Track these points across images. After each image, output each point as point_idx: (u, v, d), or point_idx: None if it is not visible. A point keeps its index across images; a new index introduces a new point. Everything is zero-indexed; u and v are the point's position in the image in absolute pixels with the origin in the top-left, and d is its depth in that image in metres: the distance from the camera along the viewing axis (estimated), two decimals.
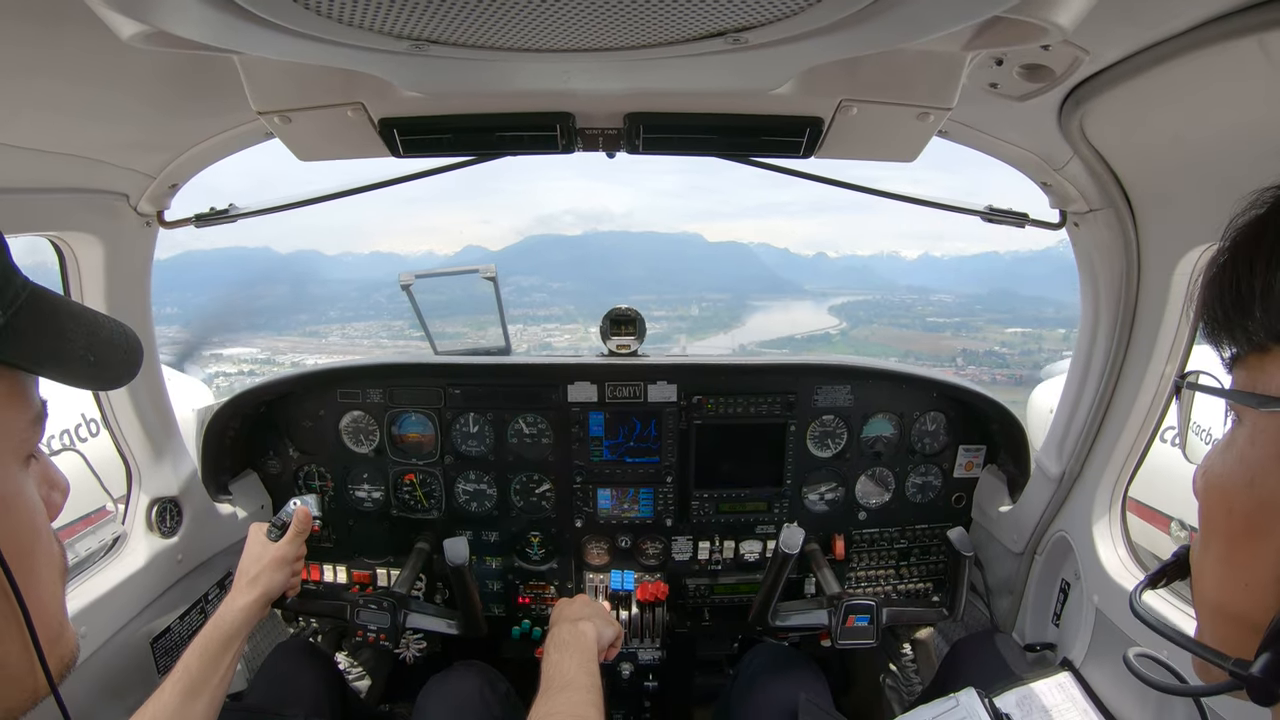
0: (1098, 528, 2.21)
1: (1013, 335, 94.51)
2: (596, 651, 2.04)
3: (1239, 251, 0.77)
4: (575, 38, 0.99)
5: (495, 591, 3.03)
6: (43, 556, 0.79)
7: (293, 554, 2.14)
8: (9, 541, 0.73)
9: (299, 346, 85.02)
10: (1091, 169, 1.79)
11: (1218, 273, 0.80)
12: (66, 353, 0.78)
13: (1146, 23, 1.20)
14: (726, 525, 2.96)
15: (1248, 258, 0.75)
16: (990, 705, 1.92)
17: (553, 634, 2.05)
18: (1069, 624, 2.37)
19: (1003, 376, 68.13)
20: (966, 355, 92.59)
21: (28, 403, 0.76)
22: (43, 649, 0.77)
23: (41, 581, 0.78)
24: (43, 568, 0.79)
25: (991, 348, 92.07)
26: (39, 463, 0.82)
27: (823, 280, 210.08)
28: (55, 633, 0.82)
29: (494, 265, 3.33)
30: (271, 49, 1.04)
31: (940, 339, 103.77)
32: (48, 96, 1.39)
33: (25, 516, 0.76)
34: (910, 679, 2.98)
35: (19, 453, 0.76)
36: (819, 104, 1.56)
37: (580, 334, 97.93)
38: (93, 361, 0.82)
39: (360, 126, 1.61)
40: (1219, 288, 0.79)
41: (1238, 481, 0.76)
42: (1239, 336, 0.77)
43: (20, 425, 0.75)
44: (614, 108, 1.65)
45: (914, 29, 1.00)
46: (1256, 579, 0.73)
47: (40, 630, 0.77)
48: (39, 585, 0.77)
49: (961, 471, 2.95)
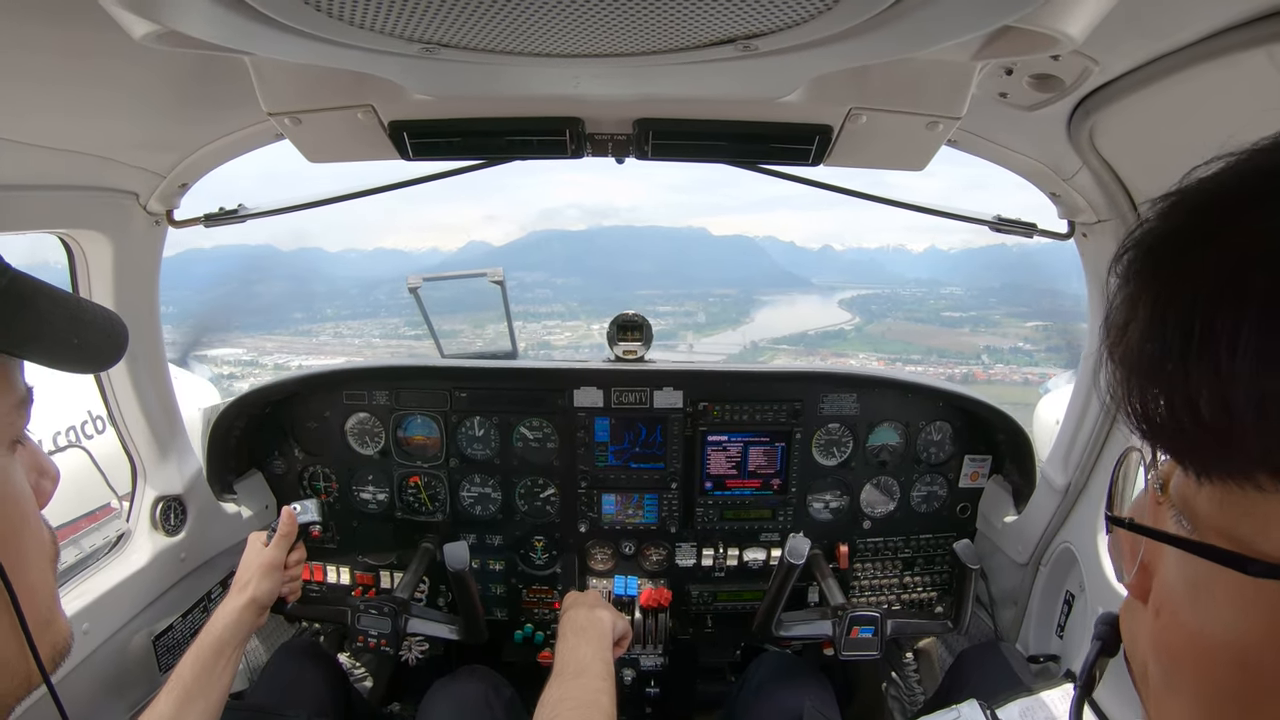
0: (1103, 539, 2.20)
1: (1032, 329, 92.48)
2: (611, 641, 2.02)
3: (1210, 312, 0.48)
4: (585, 43, 0.99)
5: (498, 595, 3.03)
6: (30, 543, 0.79)
7: (280, 559, 2.12)
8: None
9: (287, 346, 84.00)
10: (1100, 179, 1.79)
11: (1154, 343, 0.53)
12: (48, 335, 0.78)
13: (1156, 34, 1.20)
14: (730, 532, 2.95)
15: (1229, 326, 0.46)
16: (993, 716, 1.90)
17: (569, 617, 2.02)
18: (1073, 636, 2.35)
19: (1035, 376, 60.52)
20: (991, 352, 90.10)
21: (10, 387, 0.76)
22: (32, 635, 0.77)
23: (29, 567, 0.78)
24: (31, 554, 0.79)
25: (1016, 344, 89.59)
26: (26, 449, 0.82)
27: (830, 274, 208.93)
28: (44, 619, 0.82)
29: (501, 269, 3.32)
30: (283, 50, 1.05)
31: (959, 335, 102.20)
32: (59, 94, 1.40)
33: (9, 503, 0.76)
34: (913, 689, 2.97)
35: (2, 438, 0.76)
36: (828, 112, 1.56)
37: (582, 331, 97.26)
38: (76, 344, 0.82)
39: (370, 129, 1.62)
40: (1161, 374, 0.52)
41: (1223, 658, 0.55)
42: (1210, 460, 0.51)
43: (2, 410, 0.75)
44: (623, 114, 1.65)
45: (924, 38, 1.00)
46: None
47: (28, 616, 0.77)
48: (26, 571, 0.77)
49: (967, 481, 2.94)
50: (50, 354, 0.79)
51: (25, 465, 0.81)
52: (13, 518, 0.77)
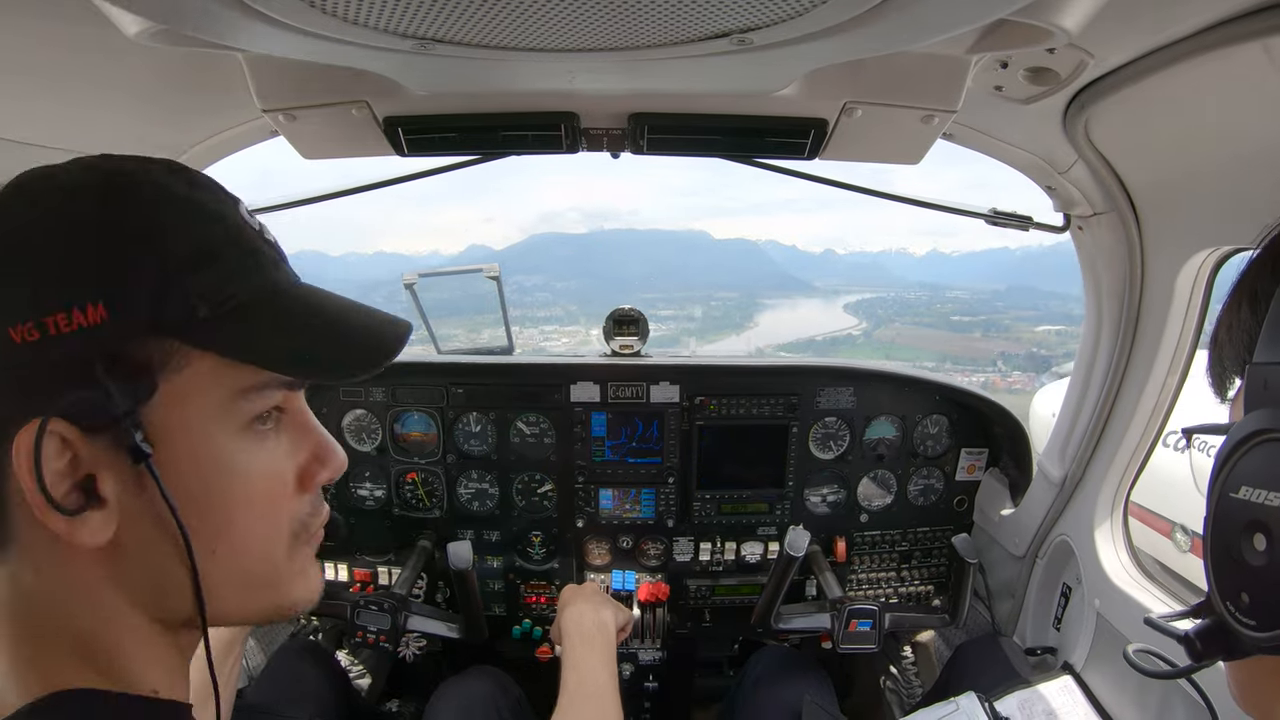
0: (1099, 532, 2.21)
1: (1044, 333, 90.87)
2: (616, 645, 2.01)
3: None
4: (580, 38, 0.99)
5: (496, 591, 3.03)
6: (247, 518, 0.84)
7: None
8: (201, 492, 0.79)
9: None
10: (1096, 172, 1.79)
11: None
12: (281, 350, 0.83)
13: (1151, 27, 1.20)
14: (728, 526, 2.95)
15: None
16: (991, 709, 1.92)
17: (571, 617, 2.00)
18: (1070, 628, 2.36)
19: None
20: (1006, 359, 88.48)
21: (235, 376, 0.80)
22: (210, 593, 0.82)
23: (240, 532, 0.84)
24: (245, 527, 0.84)
25: (1030, 349, 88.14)
26: (289, 434, 0.89)
27: (832, 277, 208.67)
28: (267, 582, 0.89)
29: (497, 265, 3.33)
30: (277, 47, 1.04)
31: (971, 340, 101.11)
32: (52, 93, 1.40)
33: (216, 474, 0.81)
34: (911, 682, 2.98)
35: (237, 421, 0.82)
36: (823, 106, 1.56)
37: (581, 337, 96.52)
38: (312, 356, 0.86)
39: (365, 125, 1.61)
40: None
41: None
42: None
43: (223, 397, 0.80)
44: (618, 108, 1.65)
45: (919, 31, 1.00)
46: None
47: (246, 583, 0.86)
48: (233, 535, 0.83)
49: (963, 474, 2.95)
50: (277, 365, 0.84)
51: (291, 446, 0.89)
52: (228, 492, 0.82)
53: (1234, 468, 0.70)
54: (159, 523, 0.77)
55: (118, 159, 0.80)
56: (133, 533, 0.77)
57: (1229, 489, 0.70)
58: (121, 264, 0.73)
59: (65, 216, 0.74)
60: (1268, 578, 0.65)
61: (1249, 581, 0.67)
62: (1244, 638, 0.67)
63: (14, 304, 0.70)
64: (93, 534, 0.74)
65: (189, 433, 0.78)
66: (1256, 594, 0.66)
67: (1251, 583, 0.67)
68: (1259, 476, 0.67)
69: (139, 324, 0.73)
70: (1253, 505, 0.66)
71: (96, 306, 0.71)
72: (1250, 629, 0.67)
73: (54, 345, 0.70)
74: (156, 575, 0.80)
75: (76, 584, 0.78)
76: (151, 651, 0.83)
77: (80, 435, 0.72)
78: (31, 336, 0.70)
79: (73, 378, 0.71)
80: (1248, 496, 0.67)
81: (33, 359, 0.70)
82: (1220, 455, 0.72)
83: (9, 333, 0.70)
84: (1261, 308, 0.71)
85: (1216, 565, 0.72)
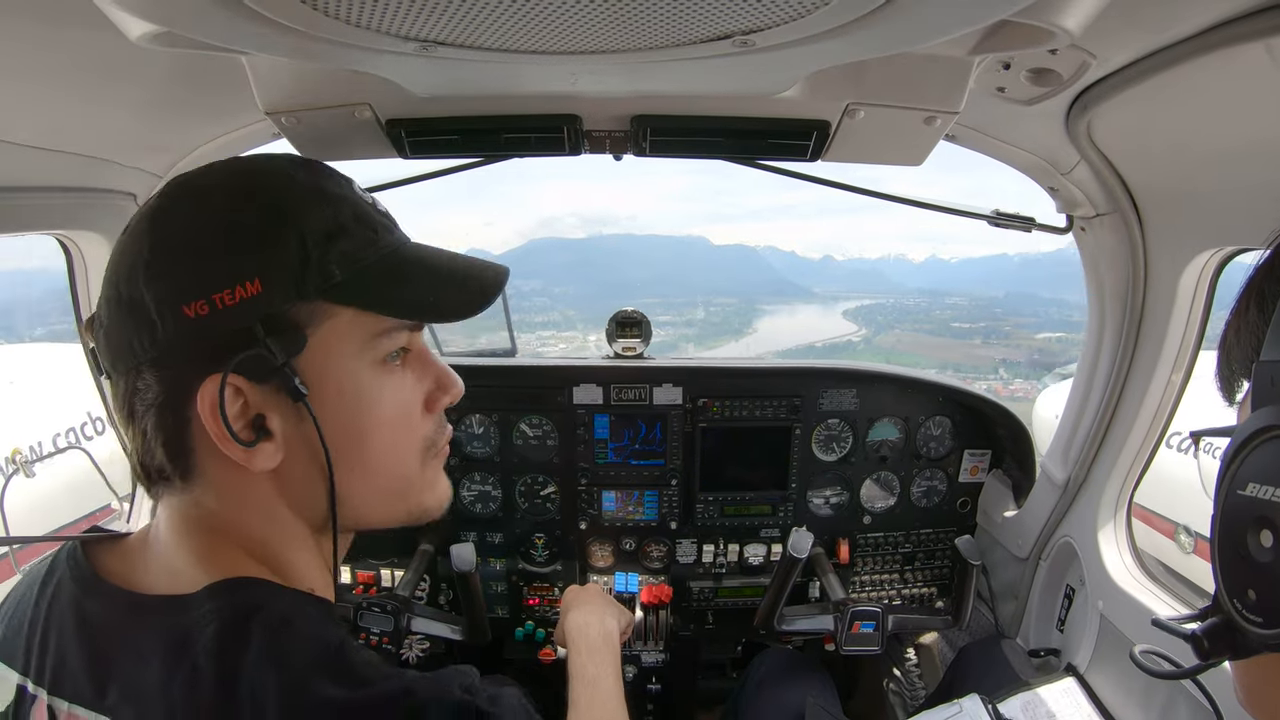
0: (1103, 533, 2.21)
1: (1045, 340, 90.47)
2: (620, 654, 1.99)
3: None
4: (582, 40, 0.99)
5: (499, 593, 3.03)
6: (383, 438, 1.02)
7: None
8: (349, 419, 0.97)
9: None
10: (1098, 173, 1.79)
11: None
12: (406, 299, 1.00)
13: (1153, 27, 1.20)
14: (731, 528, 2.95)
15: None
16: (994, 711, 1.91)
17: (576, 624, 1.97)
18: (1073, 629, 2.36)
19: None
20: (1008, 365, 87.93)
21: (369, 324, 0.97)
22: (357, 501, 1.02)
23: (380, 450, 1.01)
24: (381, 446, 1.02)
25: (1032, 356, 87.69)
26: (414, 368, 1.06)
27: (831, 283, 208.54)
28: (400, 491, 1.07)
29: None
30: (280, 49, 1.05)
31: (972, 347, 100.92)
32: (55, 96, 1.40)
33: (359, 404, 0.98)
34: (914, 684, 2.97)
35: (371, 359, 0.98)
36: (826, 107, 1.56)
37: (579, 343, 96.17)
38: (432, 301, 1.03)
39: (368, 127, 1.61)
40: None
41: None
42: None
43: (360, 342, 0.97)
44: (621, 110, 1.65)
45: (921, 33, 0.99)
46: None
47: (386, 483, 1.04)
48: (374, 453, 1.01)
49: (966, 476, 2.95)
50: (406, 312, 1.01)
51: (417, 376, 1.06)
52: (369, 418, 0.99)
53: (1241, 465, 0.70)
54: (315, 448, 0.94)
55: (253, 160, 1.00)
56: (295, 457, 0.95)
57: (1236, 486, 0.70)
58: (270, 245, 0.89)
59: (223, 212, 0.91)
60: (1274, 574, 0.64)
61: (1256, 578, 0.67)
62: (1251, 635, 0.67)
63: (186, 286, 0.87)
64: (266, 459, 0.92)
65: (335, 373, 0.95)
66: (1263, 590, 0.66)
67: (1258, 579, 0.66)
68: (1266, 473, 0.66)
69: (288, 291, 0.90)
70: (1259, 502, 0.66)
71: (254, 281, 0.87)
72: (1257, 626, 0.66)
73: (222, 316, 0.87)
74: (313, 489, 0.98)
75: (252, 501, 0.97)
76: (309, 557, 1.02)
77: (249, 383, 0.89)
78: (203, 311, 0.86)
79: (239, 340, 0.87)
80: (1254, 493, 0.67)
81: (205, 328, 0.87)
82: (1227, 453, 0.71)
83: (183, 309, 0.86)
84: (1269, 308, 0.71)
85: (1223, 563, 0.72)
